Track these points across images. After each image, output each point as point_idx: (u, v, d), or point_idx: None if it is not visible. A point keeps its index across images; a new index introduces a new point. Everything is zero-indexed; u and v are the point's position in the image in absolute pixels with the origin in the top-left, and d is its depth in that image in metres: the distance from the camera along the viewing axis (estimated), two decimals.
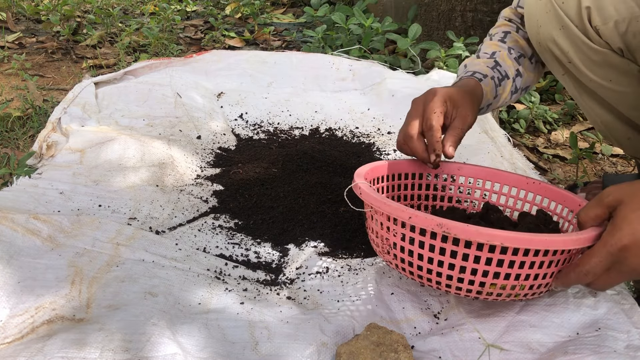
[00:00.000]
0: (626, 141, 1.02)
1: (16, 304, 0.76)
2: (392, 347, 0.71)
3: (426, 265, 0.74)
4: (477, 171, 0.98)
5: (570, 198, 0.87)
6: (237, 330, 0.76)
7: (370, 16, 2.06)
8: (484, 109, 0.99)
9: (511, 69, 1.01)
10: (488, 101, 0.98)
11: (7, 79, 1.83)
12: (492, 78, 0.98)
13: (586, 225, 0.70)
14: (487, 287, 0.72)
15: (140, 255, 0.90)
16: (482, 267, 0.71)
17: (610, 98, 0.94)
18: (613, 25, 0.83)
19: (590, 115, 1.01)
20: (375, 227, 0.80)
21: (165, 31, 2.46)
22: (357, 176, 0.84)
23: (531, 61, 1.04)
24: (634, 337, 0.74)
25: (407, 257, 0.76)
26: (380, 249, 0.82)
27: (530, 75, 1.05)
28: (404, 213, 0.71)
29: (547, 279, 0.73)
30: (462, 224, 0.68)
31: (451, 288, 0.75)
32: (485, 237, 0.67)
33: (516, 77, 1.02)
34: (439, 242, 0.71)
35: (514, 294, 0.73)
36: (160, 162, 1.21)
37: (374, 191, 0.78)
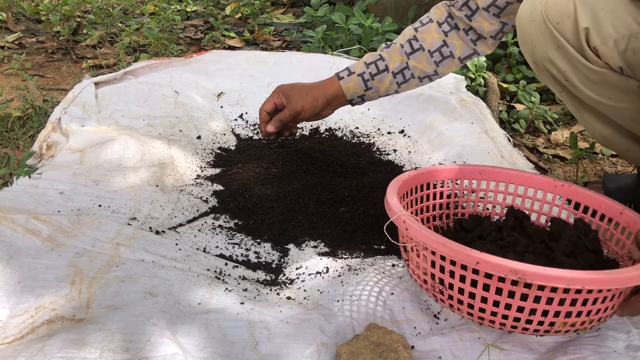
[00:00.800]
0: (626, 152, 1.02)
1: (16, 304, 0.76)
2: (392, 347, 0.71)
3: (490, 308, 0.69)
4: (500, 174, 0.94)
5: (606, 203, 0.83)
6: (237, 330, 0.76)
7: (370, 16, 2.06)
8: (356, 99, 1.18)
9: (394, 62, 1.13)
10: (355, 93, 1.16)
11: (7, 79, 1.83)
12: (361, 74, 1.14)
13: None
14: (557, 325, 0.68)
15: (140, 255, 0.90)
16: (555, 308, 0.66)
17: (609, 113, 0.94)
18: (613, 44, 0.83)
19: (589, 130, 1.02)
20: (424, 264, 0.73)
21: (165, 31, 2.46)
22: (394, 205, 0.76)
23: (431, 55, 1.12)
24: (634, 337, 0.74)
25: (467, 299, 0.70)
26: (427, 286, 0.76)
27: (428, 67, 1.13)
28: (470, 258, 0.65)
29: (615, 308, 0.70)
30: (539, 268, 0.62)
31: (517, 328, 0.70)
32: (567, 282, 0.62)
33: (402, 70, 1.13)
34: (507, 285, 0.66)
35: (582, 328, 0.70)
36: (160, 162, 1.21)
37: (422, 225, 0.71)
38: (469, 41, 1.11)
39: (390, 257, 0.95)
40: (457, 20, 1.11)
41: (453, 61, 1.13)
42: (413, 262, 0.76)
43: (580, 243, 0.79)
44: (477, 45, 1.11)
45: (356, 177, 1.20)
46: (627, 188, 1.18)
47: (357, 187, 1.14)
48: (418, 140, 1.45)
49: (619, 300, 0.70)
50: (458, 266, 0.68)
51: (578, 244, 0.78)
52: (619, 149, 1.02)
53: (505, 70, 1.89)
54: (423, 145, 1.42)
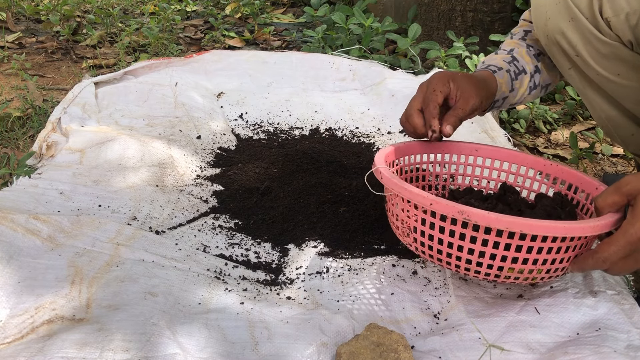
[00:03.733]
0: (630, 137, 1.01)
1: (16, 304, 0.76)
2: (392, 347, 0.71)
3: (446, 250, 0.76)
4: (494, 152, 1.00)
5: (586, 180, 0.88)
6: (237, 330, 0.76)
7: (370, 16, 2.06)
8: (500, 101, 1.01)
9: (529, 64, 1.03)
10: (503, 94, 0.99)
11: (7, 79, 1.83)
12: (508, 71, 0.99)
13: (603, 212, 0.72)
14: (505, 271, 0.74)
15: (140, 255, 0.90)
16: (501, 252, 0.72)
17: (616, 93, 0.94)
18: (624, 18, 0.83)
19: (595, 110, 1.01)
20: (395, 210, 0.81)
21: (165, 31, 2.46)
22: (377, 160, 0.85)
23: (551, 59, 1.03)
24: (634, 337, 0.74)
25: (427, 241, 0.78)
26: (399, 232, 0.84)
27: (550, 73, 1.06)
28: (425, 199, 0.73)
29: (564, 264, 0.75)
30: (482, 212, 0.69)
31: (470, 271, 0.77)
32: (505, 225, 0.68)
33: (534, 73, 1.03)
34: (459, 227, 0.73)
35: (530, 277, 0.75)
36: (160, 162, 1.21)
37: (395, 176, 0.79)
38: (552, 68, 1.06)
39: (390, 257, 0.95)
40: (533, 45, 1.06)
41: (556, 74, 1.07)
42: (390, 211, 0.85)
43: (554, 213, 0.84)
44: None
45: (356, 177, 1.20)
46: None
47: (357, 187, 1.14)
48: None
49: (567, 255, 0.74)
50: (420, 210, 0.76)
51: (552, 214, 0.83)
52: (623, 133, 1.01)
53: None
54: None
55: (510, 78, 1.00)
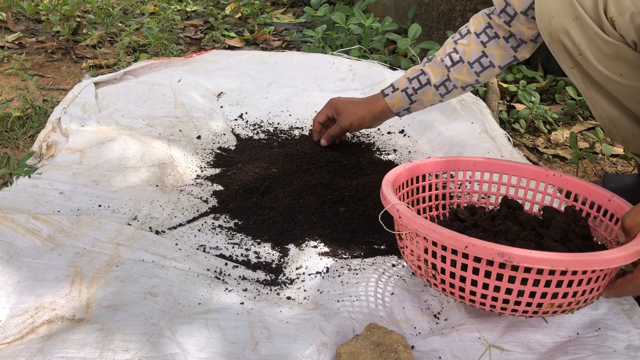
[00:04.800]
0: (631, 138, 1.01)
1: (16, 304, 0.76)
2: (392, 347, 0.71)
3: (480, 291, 0.72)
4: (493, 165, 0.97)
5: (595, 191, 0.86)
6: (237, 330, 0.76)
7: (370, 16, 2.06)
8: (402, 112, 1.26)
9: (436, 76, 1.18)
10: (401, 107, 1.24)
11: (7, 79, 1.83)
12: (405, 90, 1.22)
13: (633, 232, 0.71)
14: (545, 307, 0.71)
15: (140, 255, 0.90)
16: (541, 289, 0.69)
17: (618, 93, 0.94)
18: (629, 18, 0.83)
19: (597, 110, 1.01)
20: (417, 250, 0.76)
21: (165, 31, 2.46)
22: (388, 195, 0.79)
23: (471, 66, 1.16)
24: (634, 337, 0.74)
25: (458, 282, 0.73)
26: (421, 272, 0.79)
27: (469, 77, 1.17)
28: (459, 242, 0.68)
29: (600, 290, 0.72)
30: (524, 251, 0.65)
31: (506, 310, 0.72)
32: (550, 264, 0.65)
33: (443, 82, 1.18)
34: (496, 268, 0.69)
35: (569, 309, 0.72)
36: (160, 162, 1.21)
37: (414, 214, 0.74)
38: (510, 48, 1.13)
39: (390, 257, 0.95)
40: (496, 29, 1.13)
41: (493, 70, 1.16)
42: (407, 249, 0.80)
43: (570, 230, 0.81)
44: (518, 52, 1.14)
45: (356, 177, 1.20)
46: (627, 188, 1.18)
47: (357, 187, 1.14)
48: (418, 140, 1.45)
49: (604, 282, 0.72)
50: (449, 251, 0.71)
51: (568, 231, 0.81)
52: (625, 133, 1.01)
53: (505, 70, 1.89)
54: (423, 145, 1.42)
55: (406, 95, 1.22)
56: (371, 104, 1.27)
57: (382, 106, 1.26)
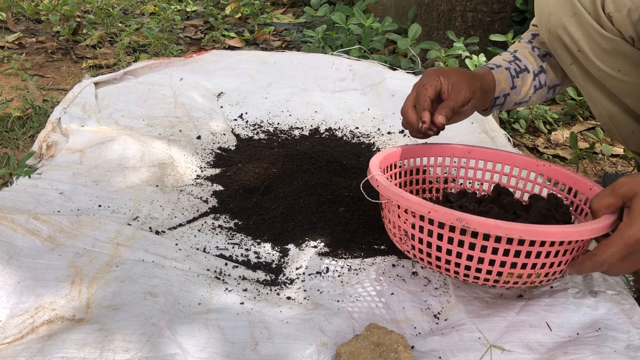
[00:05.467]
0: (630, 135, 1.01)
1: (16, 304, 0.76)
2: (392, 347, 0.71)
3: (444, 256, 0.76)
4: (487, 154, 1.00)
5: (579, 180, 0.89)
6: (237, 330, 0.76)
7: (370, 16, 2.06)
8: (501, 98, 1.02)
9: (532, 64, 1.04)
10: (503, 90, 1.01)
11: (7, 79, 1.83)
12: (508, 69, 1.01)
13: (599, 214, 0.73)
14: (505, 276, 0.75)
15: (140, 255, 0.90)
16: (500, 258, 0.73)
17: (617, 89, 0.94)
18: (626, 13, 0.84)
19: (596, 107, 1.01)
20: (392, 217, 0.82)
21: (165, 31, 2.46)
22: (372, 167, 0.85)
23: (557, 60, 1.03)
24: (634, 337, 0.74)
25: (425, 247, 0.78)
26: (397, 239, 0.84)
27: (558, 74, 1.06)
28: (423, 207, 0.73)
29: (562, 266, 0.75)
30: (481, 219, 0.70)
31: (469, 277, 0.77)
32: (504, 231, 0.69)
33: (539, 73, 1.04)
34: (457, 234, 0.73)
35: (529, 281, 0.75)
36: (160, 162, 1.21)
37: (391, 183, 0.80)
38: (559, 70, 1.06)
39: (390, 257, 0.95)
40: (543, 48, 1.06)
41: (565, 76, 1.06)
42: (387, 218, 0.84)
43: (549, 215, 0.84)
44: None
45: (356, 177, 1.20)
46: None
47: (357, 187, 1.14)
48: (418, 141, 1.45)
49: (565, 258, 0.74)
50: (417, 218, 0.76)
51: (547, 216, 0.84)
52: (624, 131, 1.02)
53: None
54: None
55: (510, 75, 1.01)
56: (480, 75, 0.98)
57: (490, 80, 0.99)
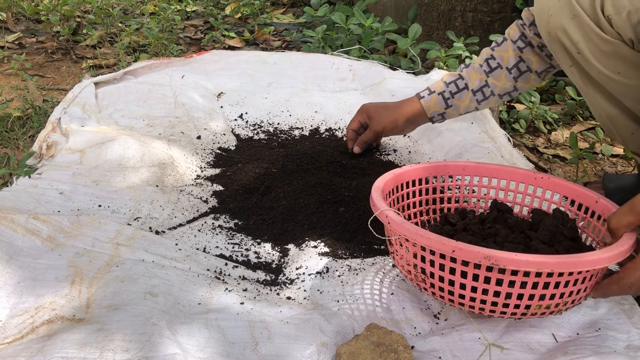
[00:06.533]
0: (630, 136, 1.01)
1: (16, 304, 0.76)
2: (392, 347, 0.71)
3: (469, 294, 0.72)
4: (482, 169, 0.97)
5: (583, 193, 0.86)
6: (237, 330, 0.76)
7: (370, 16, 2.06)
8: (437, 117, 1.23)
9: (474, 81, 1.17)
10: (436, 112, 1.21)
11: (7, 79, 1.83)
12: (441, 93, 1.19)
13: (618, 233, 0.71)
14: (533, 308, 0.72)
15: (140, 255, 0.90)
16: (528, 291, 0.70)
17: (617, 91, 0.94)
18: (626, 16, 0.83)
19: (596, 109, 1.01)
20: (406, 255, 0.77)
21: (165, 31, 2.46)
22: (377, 201, 0.80)
23: (510, 72, 1.16)
24: (634, 338, 0.74)
25: (447, 286, 0.73)
26: (411, 276, 0.79)
27: (508, 83, 1.16)
28: (446, 246, 0.69)
29: (587, 291, 0.73)
30: (510, 254, 0.66)
31: (495, 312, 0.73)
32: (535, 266, 0.66)
33: (480, 89, 1.17)
34: (483, 271, 0.69)
35: (557, 310, 0.73)
36: (160, 162, 1.21)
37: (403, 219, 0.75)
38: (545, 56, 1.13)
39: (390, 257, 0.95)
40: (530, 39, 1.13)
41: (531, 75, 1.15)
42: (398, 254, 0.80)
43: (558, 231, 0.82)
44: (553, 60, 1.13)
45: (356, 177, 1.20)
46: (627, 188, 1.18)
47: (357, 187, 1.14)
48: (418, 140, 1.45)
49: (591, 283, 0.72)
50: (437, 255, 0.72)
51: (556, 233, 0.82)
52: (624, 132, 1.01)
53: None
54: (423, 145, 1.42)
55: (443, 98, 1.20)
56: (404, 107, 1.23)
57: (416, 109, 1.22)
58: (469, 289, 0.72)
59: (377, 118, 1.25)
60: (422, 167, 0.95)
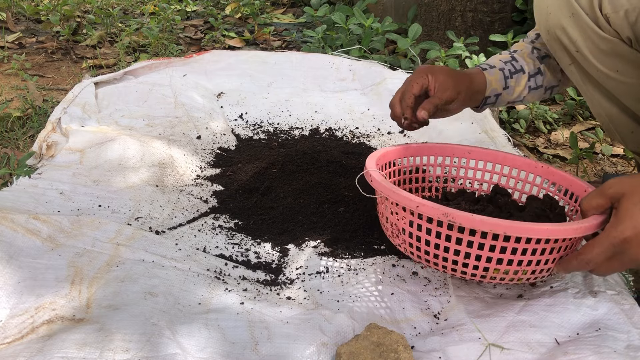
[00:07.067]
0: (629, 135, 1.02)
1: (16, 304, 0.76)
2: (392, 347, 0.71)
3: (433, 251, 0.78)
4: (487, 154, 1.01)
5: (575, 182, 0.90)
6: (237, 330, 0.76)
7: (370, 16, 2.06)
8: (492, 98, 1.06)
9: (529, 65, 1.06)
10: (494, 90, 1.05)
11: (7, 79, 1.83)
12: (502, 69, 1.05)
13: (588, 214, 0.74)
14: (491, 272, 0.76)
15: (140, 255, 0.90)
16: (486, 253, 0.74)
17: (616, 90, 0.94)
18: (624, 14, 0.84)
19: (595, 107, 1.02)
20: (385, 212, 0.83)
21: (165, 31, 2.46)
22: (368, 162, 0.86)
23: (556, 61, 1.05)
24: (634, 337, 0.74)
25: (415, 242, 0.80)
26: (389, 233, 0.86)
27: (557, 76, 1.08)
28: (412, 202, 0.75)
29: (549, 265, 0.76)
30: (466, 214, 0.71)
31: (456, 272, 0.79)
32: (489, 227, 0.70)
33: (535, 75, 1.06)
34: (445, 229, 0.75)
35: (516, 278, 0.76)
36: (160, 162, 1.21)
37: (384, 179, 0.81)
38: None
39: (390, 257, 0.95)
40: (544, 49, 1.08)
41: (565, 76, 1.08)
42: (380, 212, 0.86)
43: (543, 215, 0.86)
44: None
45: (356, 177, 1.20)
46: None
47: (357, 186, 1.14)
48: (418, 141, 1.45)
49: (552, 256, 0.75)
50: (408, 212, 0.78)
51: (541, 216, 0.85)
52: (623, 131, 1.02)
53: None
54: None
55: (503, 76, 1.05)
56: (470, 76, 1.03)
57: (481, 81, 1.04)
58: (433, 246, 0.78)
59: (449, 82, 0.98)
60: (427, 146, 1.01)
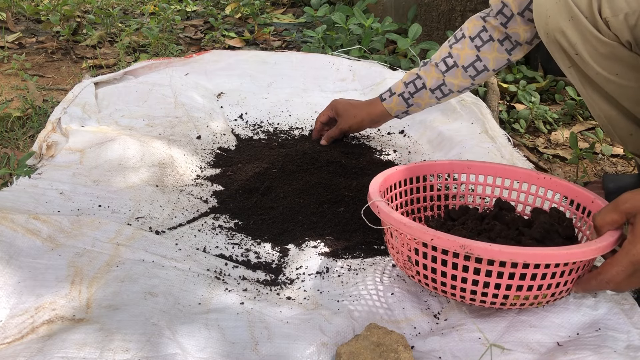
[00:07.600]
0: (628, 137, 1.02)
1: (16, 304, 0.76)
2: (392, 348, 0.71)
3: (449, 282, 0.76)
4: (487, 168, 1.00)
5: (581, 193, 0.88)
6: (237, 330, 0.76)
7: (370, 16, 2.06)
8: (401, 114, 1.29)
9: (432, 79, 1.20)
10: (399, 110, 1.27)
11: (7, 79, 1.83)
12: (401, 94, 1.24)
13: (602, 230, 0.72)
14: (511, 298, 0.74)
15: (140, 255, 0.90)
16: (505, 281, 0.72)
17: (615, 92, 0.94)
18: (623, 18, 0.83)
19: (594, 110, 1.02)
20: (396, 244, 0.81)
21: (165, 31, 2.46)
22: (372, 192, 0.84)
23: (466, 70, 1.17)
24: (634, 338, 0.74)
25: (430, 273, 0.77)
26: (401, 264, 0.83)
27: (464, 81, 1.18)
28: (426, 235, 0.72)
29: (568, 285, 0.75)
30: (484, 244, 0.69)
31: (475, 301, 0.76)
32: (508, 256, 0.68)
33: (438, 87, 1.20)
34: (461, 260, 0.72)
35: (536, 302, 0.75)
36: (160, 162, 1.21)
37: (392, 210, 0.79)
38: (504, 51, 1.14)
39: (390, 257, 0.95)
40: (491, 32, 1.14)
41: (488, 73, 1.18)
42: (389, 243, 0.85)
43: (552, 229, 0.84)
44: (512, 55, 1.15)
45: (356, 177, 1.20)
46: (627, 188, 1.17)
47: (357, 187, 1.14)
48: (418, 141, 1.45)
49: (572, 277, 0.74)
50: (420, 244, 0.75)
51: (550, 230, 0.84)
52: (622, 133, 1.02)
53: (505, 70, 1.89)
54: (423, 146, 1.42)
55: (403, 99, 1.24)
56: (370, 108, 1.31)
57: (380, 110, 1.29)
58: (449, 277, 0.75)
59: (345, 116, 1.33)
60: (427, 164, 0.98)
